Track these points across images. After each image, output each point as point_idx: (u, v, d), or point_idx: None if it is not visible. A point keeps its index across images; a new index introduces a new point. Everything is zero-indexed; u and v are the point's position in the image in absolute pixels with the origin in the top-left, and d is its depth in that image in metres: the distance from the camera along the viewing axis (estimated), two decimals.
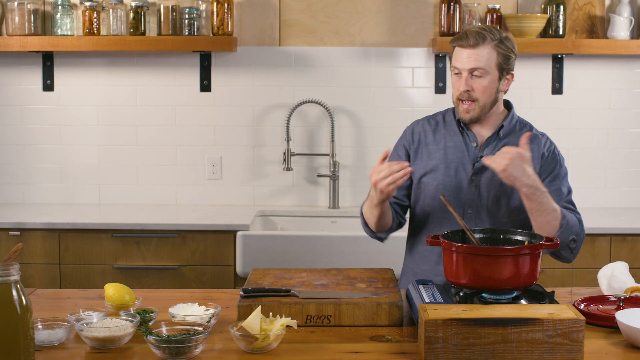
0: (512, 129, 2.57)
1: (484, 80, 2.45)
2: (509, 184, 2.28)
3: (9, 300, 1.61)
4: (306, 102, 3.86)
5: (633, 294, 2.14)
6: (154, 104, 3.97)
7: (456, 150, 2.54)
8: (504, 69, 2.48)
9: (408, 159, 2.62)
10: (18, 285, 1.62)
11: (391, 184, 2.29)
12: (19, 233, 3.48)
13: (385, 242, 2.66)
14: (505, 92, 2.54)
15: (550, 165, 2.53)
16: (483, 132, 2.55)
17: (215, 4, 3.74)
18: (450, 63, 2.52)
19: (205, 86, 3.95)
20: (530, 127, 2.62)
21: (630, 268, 2.34)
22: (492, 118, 2.54)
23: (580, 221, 2.41)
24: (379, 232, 2.59)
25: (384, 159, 2.34)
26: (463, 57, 2.45)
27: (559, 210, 2.32)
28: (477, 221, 2.49)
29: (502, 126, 2.54)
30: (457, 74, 2.48)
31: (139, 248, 3.49)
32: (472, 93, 2.46)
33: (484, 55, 2.43)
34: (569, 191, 2.52)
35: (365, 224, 2.59)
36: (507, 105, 2.61)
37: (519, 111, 3.95)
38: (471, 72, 2.44)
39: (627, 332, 1.87)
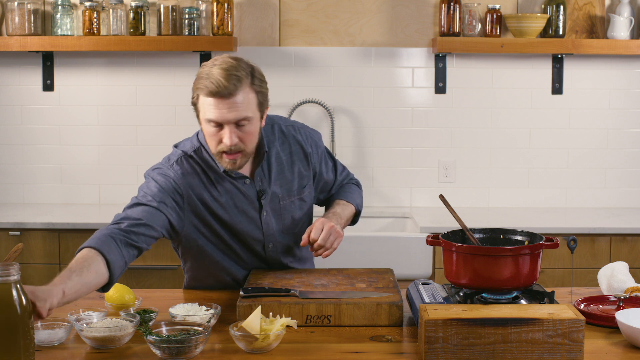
0: (269, 143, 2.40)
1: (250, 126, 2.19)
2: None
3: (9, 300, 1.61)
4: (306, 102, 3.86)
5: (633, 294, 2.14)
6: (154, 104, 3.97)
7: (234, 195, 2.33)
8: (263, 105, 2.25)
9: (179, 207, 2.28)
10: (18, 285, 1.62)
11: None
12: (19, 233, 3.48)
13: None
14: (262, 127, 2.32)
15: (318, 156, 2.50)
16: (246, 166, 2.34)
17: (215, 4, 3.74)
18: (199, 110, 2.21)
19: None
20: (278, 125, 2.46)
21: (630, 268, 2.34)
22: None
23: (357, 184, 2.67)
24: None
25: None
26: (223, 109, 2.14)
27: (352, 206, 2.55)
28: (278, 253, 2.43)
29: (264, 154, 2.35)
30: (216, 126, 2.18)
31: None
32: (239, 144, 2.20)
33: (245, 102, 2.15)
34: (333, 158, 2.60)
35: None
36: None
37: (519, 111, 3.98)
38: (236, 123, 2.17)
39: (627, 332, 1.87)
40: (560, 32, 3.80)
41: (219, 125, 2.18)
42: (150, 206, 2.22)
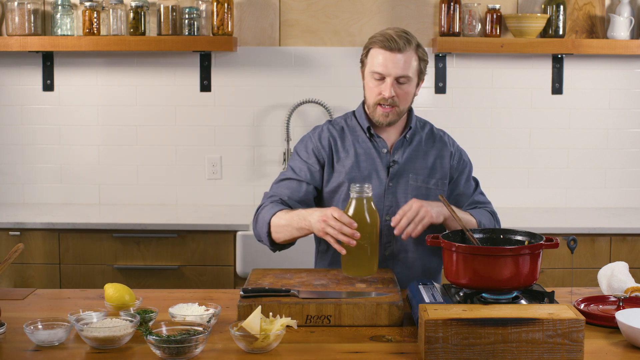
0: (416, 129, 2.55)
1: (408, 87, 2.41)
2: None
3: (374, 211, 2.20)
4: (306, 102, 3.86)
5: (633, 294, 2.14)
6: (154, 104, 3.97)
7: (367, 157, 2.49)
8: (422, 74, 2.46)
9: (321, 167, 2.50)
10: (371, 201, 2.19)
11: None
12: (19, 233, 3.48)
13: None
14: (416, 96, 2.51)
15: (459, 164, 2.58)
16: (391, 136, 2.52)
17: (215, 4, 3.74)
18: (366, 65, 2.45)
19: (205, 86, 3.95)
20: (431, 126, 2.61)
21: (630, 268, 2.34)
22: (400, 121, 2.51)
23: (492, 213, 2.57)
24: (281, 246, 2.47)
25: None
26: (389, 63, 2.37)
27: (474, 221, 2.45)
28: (391, 237, 2.47)
29: (409, 128, 2.51)
30: (378, 79, 2.41)
31: (139, 248, 3.49)
32: (394, 99, 2.40)
33: (409, 62, 2.38)
34: (477, 183, 2.63)
35: (268, 235, 2.41)
36: None
37: (519, 111, 3.98)
38: (397, 78, 2.39)
39: (627, 332, 1.87)
40: (560, 32, 3.80)
41: (382, 78, 2.40)
42: (294, 180, 2.49)
